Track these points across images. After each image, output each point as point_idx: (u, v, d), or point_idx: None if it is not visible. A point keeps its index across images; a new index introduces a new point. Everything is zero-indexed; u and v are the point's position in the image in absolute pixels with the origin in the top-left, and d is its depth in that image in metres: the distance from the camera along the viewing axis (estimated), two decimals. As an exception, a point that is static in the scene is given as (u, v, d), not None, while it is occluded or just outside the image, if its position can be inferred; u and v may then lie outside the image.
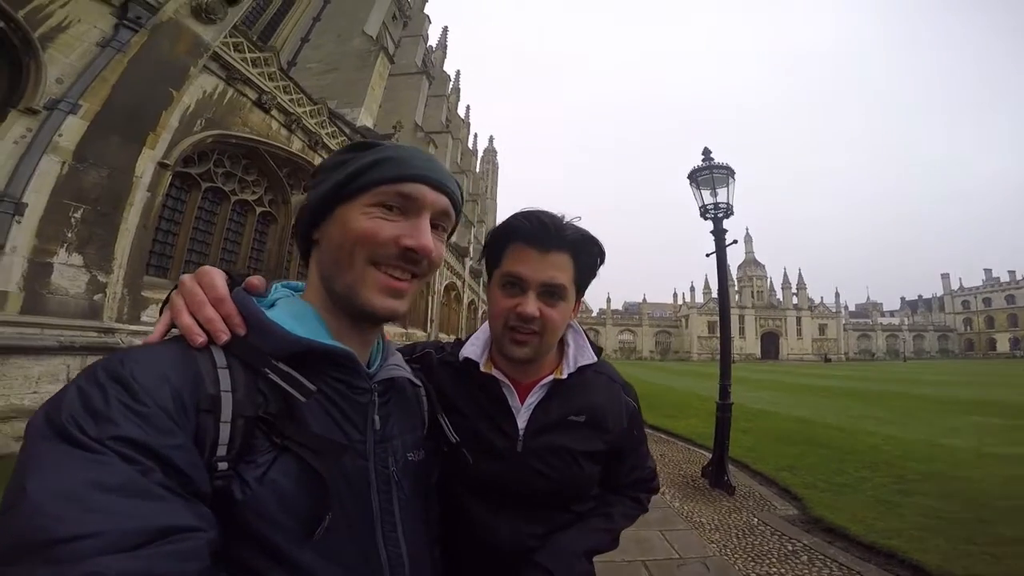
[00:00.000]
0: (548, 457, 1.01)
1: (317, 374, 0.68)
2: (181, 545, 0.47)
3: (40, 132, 5.49)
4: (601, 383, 1.14)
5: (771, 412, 11.16)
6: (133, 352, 0.59)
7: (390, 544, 0.71)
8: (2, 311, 5.16)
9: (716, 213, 6.03)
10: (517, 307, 0.96)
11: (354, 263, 0.70)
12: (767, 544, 3.86)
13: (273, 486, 0.60)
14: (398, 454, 0.77)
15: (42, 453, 0.48)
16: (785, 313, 78.28)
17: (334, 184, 0.72)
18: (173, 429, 0.54)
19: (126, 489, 0.47)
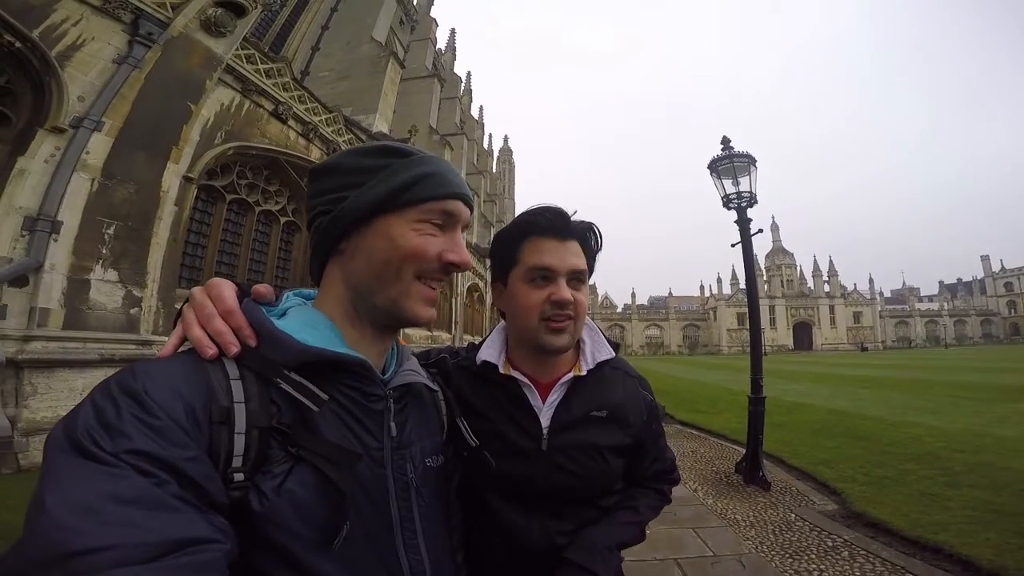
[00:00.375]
0: (574, 453, 1.01)
1: (330, 383, 0.67)
2: (197, 557, 0.46)
3: (68, 150, 5.73)
4: (618, 378, 1.13)
5: (806, 404, 10.82)
6: (146, 366, 0.59)
7: (411, 552, 0.71)
8: (45, 327, 5.42)
9: (739, 202, 5.90)
10: (552, 296, 0.97)
11: (402, 277, 0.71)
12: (805, 540, 3.73)
13: (290, 496, 0.60)
14: (416, 460, 0.76)
15: (60, 466, 0.48)
16: (817, 302, 75.63)
17: (378, 196, 0.71)
18: (187, 442, 0.54)
19: (142, 501, 0.47)
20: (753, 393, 5.52)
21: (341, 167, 0.74)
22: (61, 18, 5.86)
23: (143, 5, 6.61)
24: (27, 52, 5.56)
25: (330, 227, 0.72)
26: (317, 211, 0.74)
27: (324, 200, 0.73)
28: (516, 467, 0.98)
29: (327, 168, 0.75)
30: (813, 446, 6.58)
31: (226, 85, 8.16)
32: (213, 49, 7.54)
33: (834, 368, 25.69)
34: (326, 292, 0.76)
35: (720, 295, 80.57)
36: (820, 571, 3.23)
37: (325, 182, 0.74)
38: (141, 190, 6.49)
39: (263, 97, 8.98)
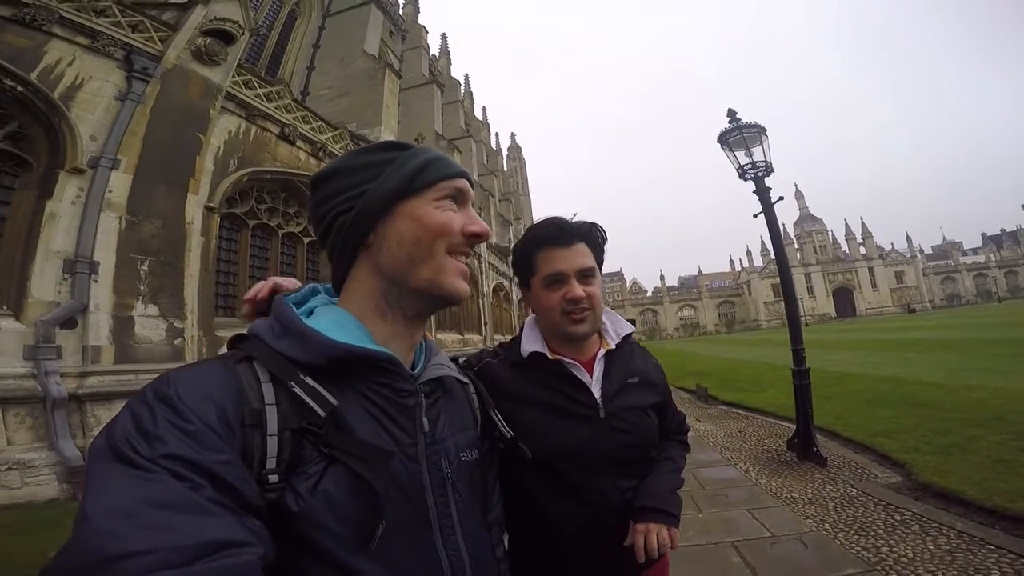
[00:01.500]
0: (626, 415, 1.18)
1: (360, 380, 0.68)
2: (232, 560, 0.46)
3: (92, 190, 5.97)
4: (636, 350, 1.33)
5: (856, 374, 10.35)
6: (179, 372, 0.60)
7: (450, 548, 0.70)
8: (99, 363, 5.73)
9: (755, 172, 5.76)
10: (566, 294, 1.14)
11: (435, 254, 0.73)
12: (870, 515, 3.54)
13: (325, 496, 0.60)
14: (451, 455, 0.75)
15: (100, 474, 0.50)
16: (855, 265, 72.62)
17: (397, 182, 0.73)
18: (220, 445, 0.55)
19: (178, 505, 0.47)
20: (796, 366, 5.33)
21: (347, 168, 0.76)
22: (54, 59, 6.03)
23: (132, 40, 6.75)
24: (30, 95, 5.78)
25: (356, 221, 0.73)
26: (336, 212, 0.74)
27: (341, 200, 0.74)
28: (578, 436, 1.13)
29: (331, 172, 0.76)
30: (868, 417, 6.29)
31: (230, 112, 8.32)
32: (210, 78, 7.71)
33: (881, 333, 24.66)
34: (354, 290, 0.76)
35: (752, 268, 78.55)
36: (890, 547, 3.05)
37: (336, 184, 0.75)
38: (167, 224, 6.71)
39: (268, 121, 9.13)
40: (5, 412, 5.02)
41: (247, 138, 8.68)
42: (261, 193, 9.18)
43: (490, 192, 30.91)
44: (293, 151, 9.63)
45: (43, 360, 5.25)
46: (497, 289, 24.93)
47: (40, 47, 5.92)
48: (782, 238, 6.09)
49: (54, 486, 5.03)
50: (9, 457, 4.88)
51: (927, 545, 3.02)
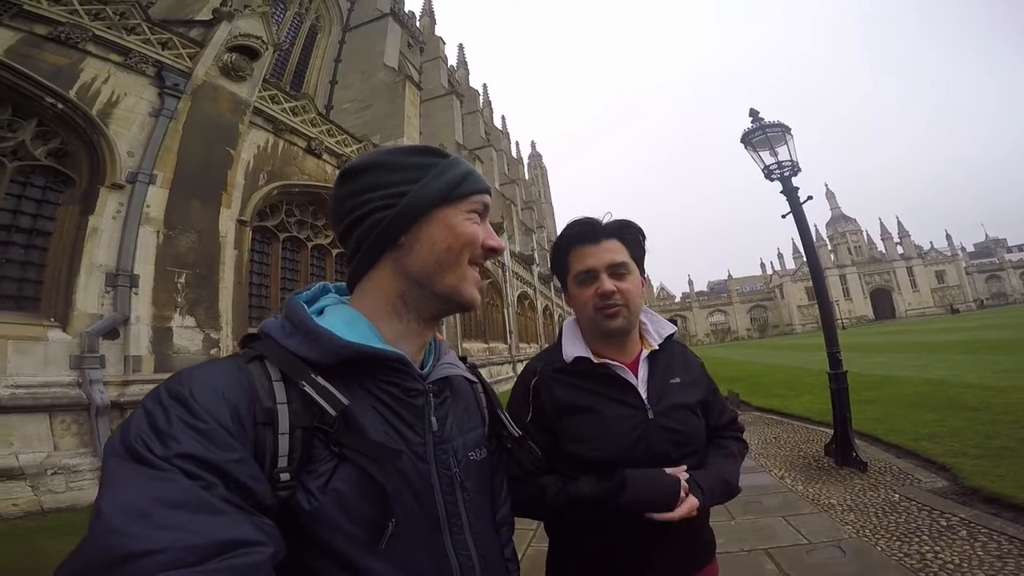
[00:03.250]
0: (674, 414, 1.18)
1: (369, 379, 0.68)
2: (243, 559, 0.47)
3: (131, 205, 6.23)
4: (678, 348, 1.33)
5: (897, 377, 9.95)
6: (192, 372, 0.61)
7: (459, 547, 0.71)
8: (140, 372, 5.95)
9: (781, 172, 5.63)
10: (597, 290, 1.16)
11: (460, 263, 0.75)
12: (914, 521, 3.38)
13: (336, 495, 0.61)
14: (459, 454, 0.76)
15: (115, 472, 0.51)
16: (892, 265, 69.60)
17: (440, 189, 0.74)
18: (232, 444, 0.55)
19: (191, 505, 0.48)
20: (832, 369, 5.15)
21: (385, 165, 0.75)
22: (90, 76, 6.30)
23: (162, 57, 7.03)
24: (71, 113, 6.06)
25: (395, 220, 0.73)
26: (372, 208, 0.73)
27: (379, 196, 0.73)
28: (629, 437, 1.13)
29: (366, 166, 0.75)
30: (911, 420, 6.02)
31: (258, 127, 8.57)
32: (238, 93, 7.97)
33: (923, 335, 23.64)
34: (371, 289, 0.76)
35: (784, 271, 76.38)
36: (935, 553, 2.91)
37: (372, 179, 0.74)
38: (202, 237, 6.95)
39: (295, 135, 9.37)
40: (52, 419, 5.25)
41: (275, 152, 8.94)
42: (290, 206, 9.42)
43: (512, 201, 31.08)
44: (320, 164, 9.86)
45: (88, 369, 5.50)
46: (522, 298, 24.91)
47: (76, 65, 6.21)
48: (814, 239, 5.93)
49: (96, 490, 5.24)
50: (55, 462, 5.09)
51: (975, 551, 2.87)
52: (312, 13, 19.67)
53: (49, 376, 5.33)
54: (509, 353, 20.25)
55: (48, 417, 5.23)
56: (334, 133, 10.51)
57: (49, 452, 5.14)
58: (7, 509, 4.64)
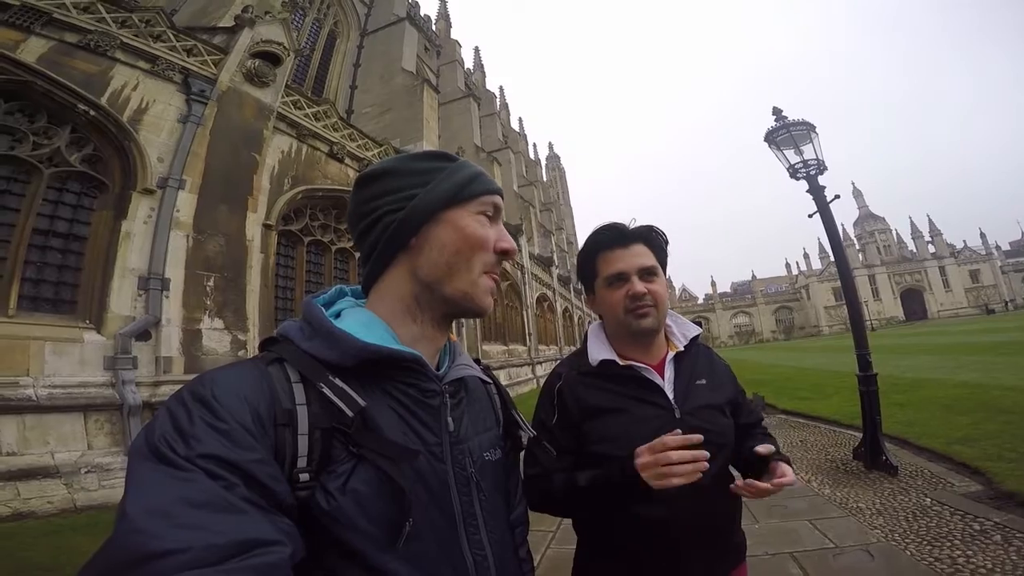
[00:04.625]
0: (702, 414, 1.18)
1: (387, 380, 0.70)
2: (262, 559, 0.48)
3: (162, 209, 6.43)
4: (703, 350, 1.34)
5: (930, 379, 9.62)
6: (214, 373, 0.63)
7: (475, 547, 0.72)
8: (170, 373, 6.14)
9: (807, 171, 5.55)
10: (628, 291, 1.18)
11: (472, 268, 0.75)
12: (946, 525, 3.29)
13: (354, 495, 0.62)
14: (475, 454, 0.77)
15: (139, 472, 0.52)
16: (924, 265, 67.12)
17: (448, 190, 0.76)
18: (253, 444, 0.56)
19: (212, 504, 0.49)
20: (861, 371, 5.02)
21: (397, 170, 0.77)
22: (120, 84, 6.51)
23: (188, 64, 7.23)
24: (103, 119, 6.27)
25: (404, 222, 0.74)
26: (384, 211, 0.76)
27: (390, 200, 0.75)
28: (657, 433, 1.09)
29: (380, 172, 0.78)
30: (944, 424, 5.83)
31: (282, 132, 8.74)
32: (262, 99, 8.16)
33: (957, 336, 22.79)
34: (386, 291, 0.78)
35: (810, 271, 74.44)
36: (967, 557, 2.82)
37: (385, 184, 0.77)
38: (229, 241, 7.14)
39: (317, 140, 9.54)
40: (87, 418, 5.43)
41: (299, 157, 9.11)
42: (314, 210, 9.58)
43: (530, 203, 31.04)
44: (342, 168, 10.02)
45: (121, 370, 5.68)
46: (541, 299, 24.86)
47: (106, 72, 6.42)
48: (841, 239, 5.81)
49: (127, 489, 5.42)
50: (89, 461, 5.26)
51: (1009, 556, 2.77)
52: (330, 19, 20.03)
53: (84, 376, 5.52)
54: (528, 355, 20.22)
55: (83, 417, 5.41)
56: (355, 137, 10.67)
57: (83, 451, 5.31)
58: (42, 506, 4.80)
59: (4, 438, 4.85)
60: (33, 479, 4.85)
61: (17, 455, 4.88)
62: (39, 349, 5.29)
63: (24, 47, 5.77)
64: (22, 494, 4.74)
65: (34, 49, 5.85)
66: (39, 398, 5.10)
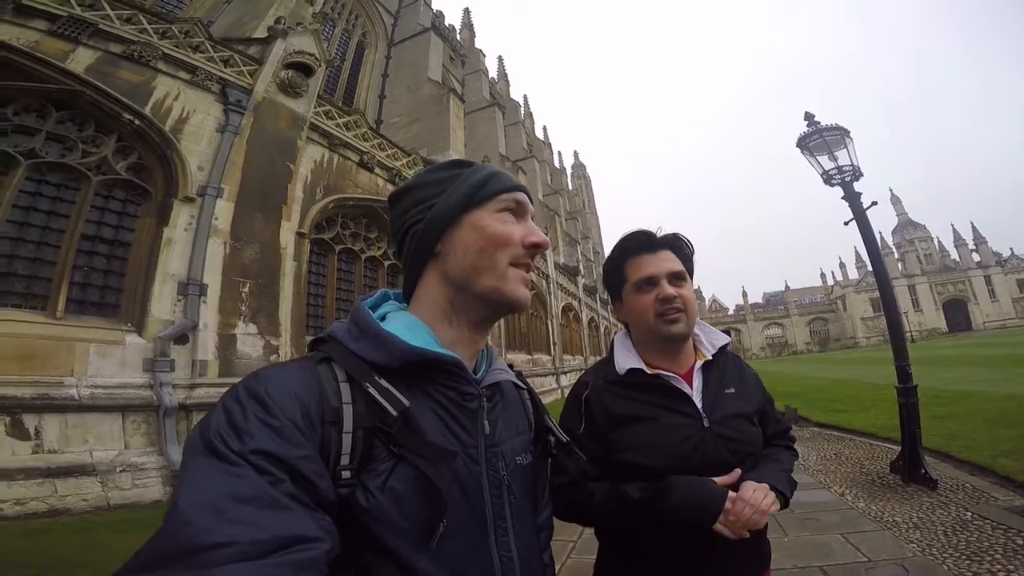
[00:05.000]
0: (731, 423, 1.19)
1: (428, 382, 0.72)
2: (301, 554, 0.50)
3: (201, 217, 6.66)
4: (731, 359, 1.33)
5: (973, 392, 9.20)
6: (267, 371, 0.66)
7: (502, 549, 0.73)
8: (205, 376, 6.33)
9: (842, 177, 5.43)
10: (658, 295, 1.19)
11: (498, 264, 0.76)
12: (987, 540, 3.15)
13: (393, 494, 0.63)
14: (508, 458, 0.78)
15: (193, 466, 0.55)
16: (968, 274, 63.88)
17: (462, 195, 0.78)
18: (301, 441, 0.59)
19: (259, 500, 0.51)
20: (901, 383, 4.86)
21: (419, 184, 0.82)
22: (162, 94, 6.77)
23: (225, 74, 7.49)
24: (147, 128, 6.51)
25: (426, 231, 0.78)
26: (409, 224, 0.80)
27: (414, 212, 0.80)
28: (686, 446, 1.14)
29: (406, 189, 0.83)
30: (988, 437, 5.58)
31: (314, 142, 8.95)
32: (295, 109, 8.40)
33: (1003, 348, 21.62)
34: (423, 297, 0.81)
35: (846, 281, 71.82)
36: (1007, 572, 2.71)
37: (409, 199, 0.82)
38: (264, 249, 7.35)
39: (348, 149, 9.73)
40: (125, 419, 5.61)
41: (330, 166, 9.31)
42: (345, 219, 9.75)
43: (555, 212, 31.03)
44: (372, 178, 10.19)
45: (159, 372, 5.88)
46: (566, 309, 24.71)
47: (149, 82, 6.70)
48: (879, 247, 5.64)
49: (159, 488, 5.50)
50: (124, 460, 5.42)
51: (1056, 572, 2.63)
52: (359, 29, 20.53)
53: (125, 378, 5.72)
54: (553, 365, 20.10)
55: (121, 417, 5.59)
56: (384, 147, 10.85)
57: (120, 450, 5.48)
58: (76, 504, 4.94)
59: (47, 436, 5.05)
60: (71, 476, 5.02)
61: (58, 453, 5.06)
62: (84, 351, 5.52)
63: (73, 57, 6.09)
64: (59, 491, 4.90)
65: (82, 59, 6.16)
66: (81, 398, 5.29)
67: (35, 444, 4.98)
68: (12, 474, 4.71)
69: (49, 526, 4.41)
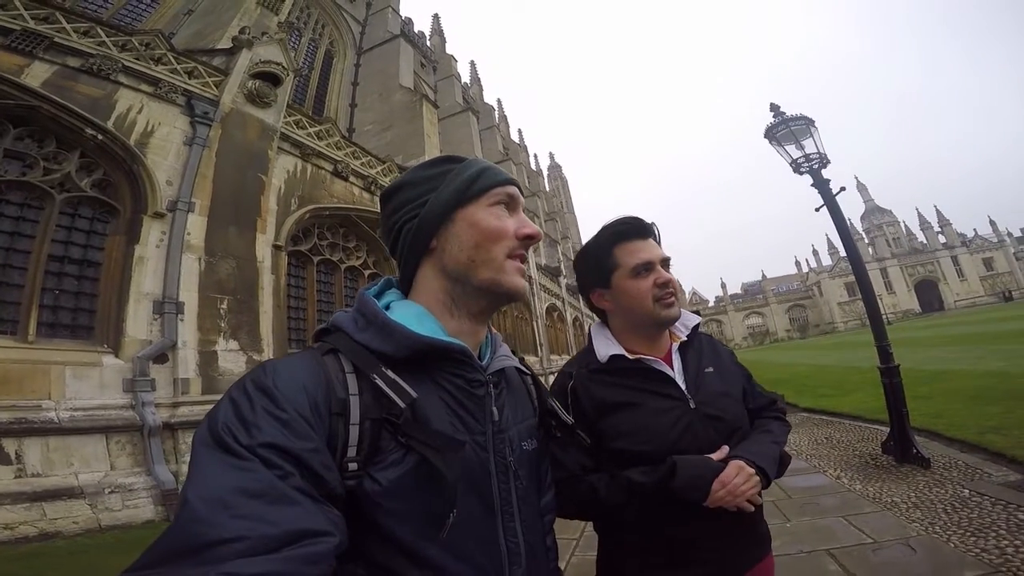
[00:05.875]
0: (716, 402, 1.20)
1: (436, 371, 0.72)
2: (310, 549, 0.50)
3: (172, 233, 6.48)
4: (705, 339, 1.35)
5: (952, 371, 9.47)
6: (275, 363, 0.65)
7: (509, 535, 0.73)
8: (188, 394, 6.17)
9: (810, 165, 5.59)
10: (657, 280, 1.20)
11: (493, 256, 0.77)
12: (988, 516, 3.18)
13: (401, 485, 0.63)
14: (514, 444, 0.78)
15: (202, 461, 0.54)
16: (935, 255, 65.91)
17: (454, 191, 0.78)
18: (310, 433, 0.58)
19: (267, 495, 0.51)
20: (884, 363, 4.95)
21: (410, 182, 0.82)
22: (125, 107, 6.56)
23: (190, 86, 7.30)
24: (110, 143, 6.32)
25: (420, 228, 0.78)
26: (402, 222, 0.80)
27: (406, 211, 0.80)
28: (676, 428, 1.15)
29: (397, 187, 0.83)
30: (973, 414, 5.72)
31: (286, 152, 8.80)
32: (264, 119, 8.24)
33: (976, 326, 22.49)
34: (421, 290, 0.80)
35: (820, 268, 73.60)
36: (1015, 547, 2.72)
37: (399, 198, 0.81)
38: (240, 263, 7.17)
39: (321, 159, 9.59)
40: (109, 440, 5.46)
41: (304, 176, 9.16)
42: (322, 229, 9.63)
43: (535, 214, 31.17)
44: (347, 186, 10.07)
45: (140, 392, 5.71)
46: (551, 310, 24.78)
47: (111, 96, 6.48)
48: (850, 230, 5.78)
49: (150, 508, 5.38)
50: (112, 481, 5.28)
51: (1058, 544, 2.67)
52: (326, 38, 20.26)
53: (105, 399, 5.56)
54: (540, 366, 20.11)
55: (105, 438, 5.44)
56: (358, 155, 10.74)
57: (106, 471, 5.34)
58: (67, 526, 4.83)
59: (29, 460, 4.90)
60: (59, 499, 4.88)
61: (42, 476, 4.92)
62: (59, 373, 5.35)
63: (28, 72, 5.86)
64: (48, 514, 4.77)
65: (38, 74, 5.94)
66: (61, 420, 5.14)
67: (17, 468, 4.83)
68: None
69: (41, 550, 4.36)
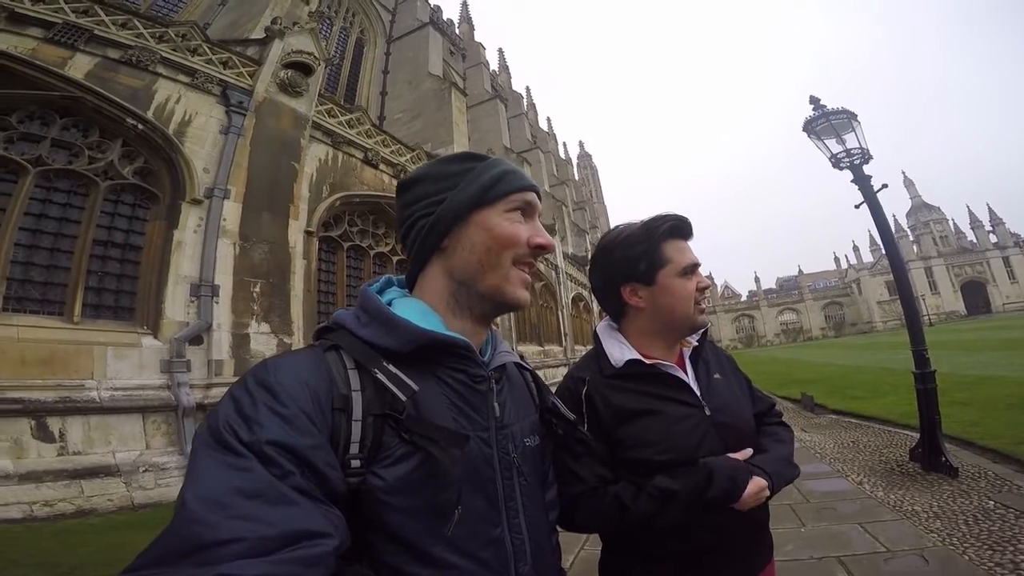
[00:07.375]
0: (729, 411, 1.19)
1: (438, 366, 0.72)
2: (309, 551, 0.49)
3: (209, 219, 6.72)
4: (708, 345, 1.32)
5: (994, 377, 9.02)
6: (277, 360, 0.65)
7: (514, 531, 0.73)
8: (221, 375, 6.40)
9: (851, 161, 5.36)
10: (699, 284, 1.19)
11: (502, 264, 0.77)
12: (1010, 529, 3.09)
13: (405, 481, 0.63)
14: (517, 440, 0.78)
15: (200, 460, 0.54)
16: (985, 255, 61.96)
17: (473, 193, 0.77)
18: (312, 430, 0.58)
19: (266, 495, 0.51)
20: (918, 368, 4.78)
21: (430, 175, 0.81)
22: (164, 97, 6.78)
23: (225, 76, 7.48)
24: (151, 132, 6.54)
25: (434, 226, 0.78)
26: (417, 216, 0.79)
27: (422, 205, 0.79)
28: (694, 435, 1.12)
29: (416, 179, 0.82)
30: (1010, 423, 5.47)
31: (318, 141, 8.98)
32: (297, 108, 8.40)
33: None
34: (426, 288, 0.80)
35: (860, 264, 70.41)
36: (1031, 562, 2.65)
37: (417, 190, 0.81)
38: (273, 248, 7.40)
39: (352, 147, 9.74)
40: (145, 419, 5.72)
41: (335, 164, 9.34)
42: (352, 216, 9.80)
43: (563, 202, 30.86)
44: (377, 174, 10.21)
45: (176, 373, 5.98)
46: (576, 299, 24.62)
47: (150, 87, 6.71)
48: (893, 230, 5.57)
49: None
50: (147, 460, 5.53)
51: (1086, 561, 2.57)
52: (356, 27, 20.35)
53: (143, 379, 5.83)
54: (564, 355, 20.09)
55: (141, 417, 5.70)
56: (388, 143, 10.85)
57: (142, 450, 5.59)
58: (102, 504, 5.03)
59: (71, 438, 5.16)
60: (96, 477, 5.14)
61: (82, 454, 5.18)
62: (102, 354, 5.62)
63: (71, 64, 6.12)
64: (85, 492, 5.01)
65: (81, 66, 6.18)
66: (102, 400, 5.40)
67: (60, 446, 5.08)
68: (40, 476, 4.81)
69: (76, 527, 4.51)
